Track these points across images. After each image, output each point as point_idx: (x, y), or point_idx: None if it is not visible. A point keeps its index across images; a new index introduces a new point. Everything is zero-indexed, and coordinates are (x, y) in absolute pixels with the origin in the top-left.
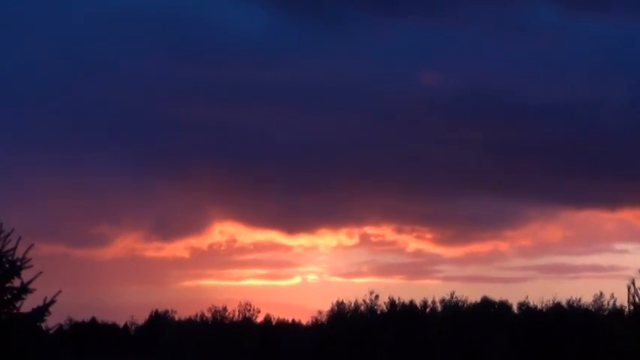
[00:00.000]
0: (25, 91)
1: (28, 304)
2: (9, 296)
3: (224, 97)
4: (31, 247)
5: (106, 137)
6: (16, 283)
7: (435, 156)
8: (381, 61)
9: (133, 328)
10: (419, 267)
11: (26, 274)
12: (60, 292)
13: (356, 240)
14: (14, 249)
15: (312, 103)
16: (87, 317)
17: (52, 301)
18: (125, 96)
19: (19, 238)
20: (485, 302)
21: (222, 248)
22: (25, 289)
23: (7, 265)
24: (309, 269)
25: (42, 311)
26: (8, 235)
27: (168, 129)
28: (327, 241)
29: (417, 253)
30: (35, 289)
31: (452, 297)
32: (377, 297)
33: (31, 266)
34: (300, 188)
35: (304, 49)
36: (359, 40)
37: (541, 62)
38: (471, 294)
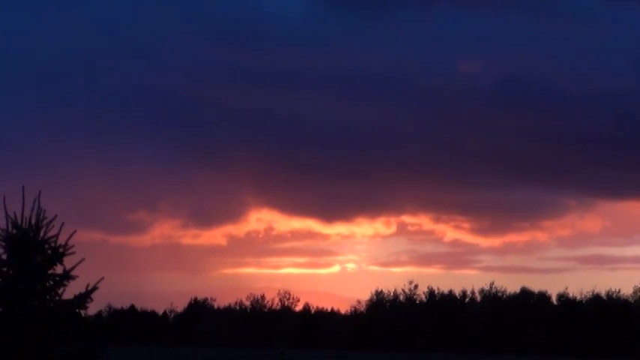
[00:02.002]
0: (66, 78)
1: (69, 291)
2: (51, 283)
3: (261, 82)
4: (73, 233)
5: (144, 124)
6: (58, 270)
7: (472, 145)
8: (419, 49)
9: (172, 315)
10: (457, 257)
11: (68, 261)
12: (102, 279)
13: (393, 229)
14: (57, 235)
15: (350, 90)
16: (126, 304)
17: (95, 288)
18: (162, 82)
19: (62, 224)
20: (525, 293)
21: (260, 236)
22: (67, 276)
23: (49, 252)
24: (348, 258)
25: (84, 298)
26: (51, 221)
27: (205, 115)
28: (365, 229)
29: (455, 243)
30: (77, 276)
31: (491, 287)
32: (416, 287)
33: (74, 253)
34: (336, 176)
35: (342, 35)
36: (398, 26)
37: (581, 50)
38: (510, 284)
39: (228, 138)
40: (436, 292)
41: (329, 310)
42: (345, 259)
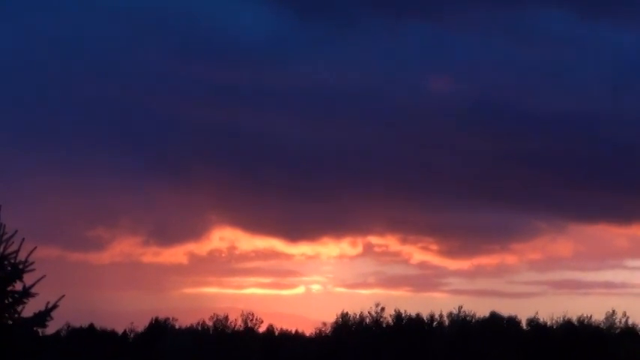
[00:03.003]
0: (24, 90)
1: (28, 309)
2: (10, 300)
3: (227, 98)
4: (34, 250)
5: (105, 138)
6: (18, 287)
7: (442, 165)
8: (390, 66)
9: (132, 335)
10: (426, 279)
11: (28, 278)
12: (63, 296)
13: (359, 250)
14: (17, 252)
15: (317, 108)
16: (85, 323)
17: (55, 306)
18: (124, 95)
19: (23, 240)
20: (494, 317)
21: (223, 255)
22: (26, 293)
23: (9, 268)
24: (313, 279)
25: (44, 316)
26: (11, 236)
27: (169, 130)
28: (330, 250)
29: (423, 265)
30: (37, 294)
31: (459, 311)
32: (383, 309)
33: (34, 270)
34: (302, 195)
35: (310, 51)
36: (368, 43)
37: (552, 70)
38: (479, 308)
39: (191, 154)
40: (403, 315)
41: (293, 332)
42: (310, 280)
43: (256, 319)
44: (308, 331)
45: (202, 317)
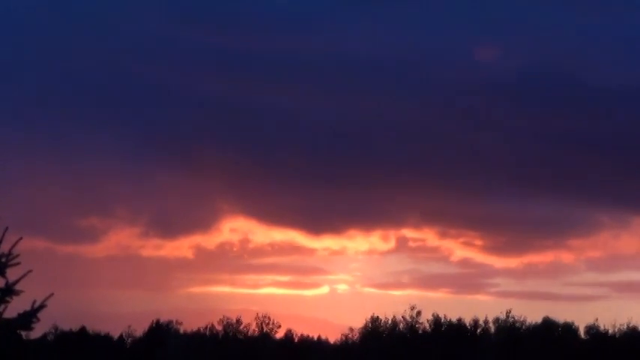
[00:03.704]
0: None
1: (12, 309)
2: None
3: (240, 69)
4: (19, 240)
5: (100, 114)
6: (0, 283)
7: (488, 147)
8: (427, 34)
9: (129, 340)
10: (468, 279)
11: (12, 273)
12: (52, 295)
13: (392, 244)
14: None
15: (344, 81)
16: (76, 326)
17: (42, 306)
18: (121, 65)
19: (6, 229)
20: (547, 324)
21: (234, 249)
22: (10, 291)
23: None
24: (339, 277)
25: (29, 317)
26: None
27: (172, 106)
28: (358, 244)
29: (465, 263)
30: (22, 291)
31: (507, 316)
32: (419, 313)
33: (18, 264)
34: (325, 180)
35: (338, 16)
36: (403, 8)
37: (618, 39)
38: (530, 313)
39: (198, 133)
40: (442, 320)
41: (315, 338)
42: (335, 279)
43: (273, 323)
44: (332, 337)
45: (210, 320)
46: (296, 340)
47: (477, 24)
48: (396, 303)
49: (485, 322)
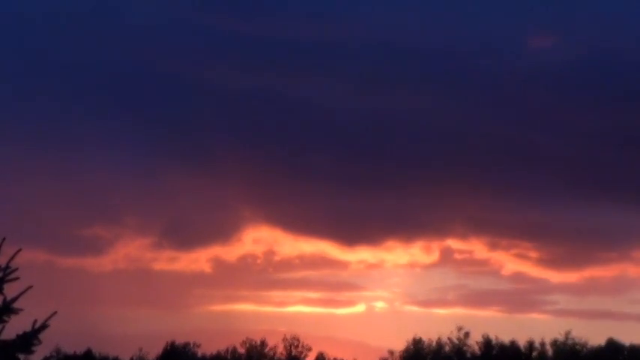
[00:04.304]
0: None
1: (10, 329)
2: None
3: (264, 59)
4: (18, 252)
5: (107, 107)
6: None
7: (545, 147)
8: (474, 17)
9: None
10: (522, 296)
11: (10, 289)
12: (55, 313)
13: (435, 257)
14: None
15: (379, 70)
16: (80, 349)
17: (44, 326)
18: (135, 55)
19: (3, 240)
20: (612, 346)
21: (258, 262)
22: (7, 309)
23: None
24: (376, 294)
25: (30, 338)
26: None
27: (187, 99)
28: (397, 257)
29: (518, 278)
30: (22, 309)
31: (566, 338)
32: (467, 334)
33: (17, 279)
34: (361, 185)
35: (369, 2)
36: None
37: None
38: (592, 334)
39: (217, 131)
40: (493, 342)
41: None
42: (372, 296)
43: (302, 346)
44: None
45: (232, 342)
46: None
47: (529, 7)
48: (440, 323)
49: (542, 344)
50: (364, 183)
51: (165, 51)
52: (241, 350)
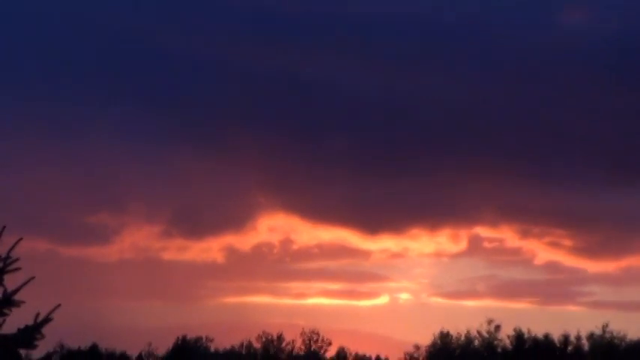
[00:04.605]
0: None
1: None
2: None
3: (279, 37)
4: (19, 241)
5: (115, 87)
6: None
7: (580, 128)
8: None
9: None
10: (556, 287)
11: (10, 280)
12: (58, 306)
13: (463, 245)
14: None
15: (403, 48)
16: (85, 344)
17: (48, 319)
18: (138, 31)
19: (3, 228)
20: None
21: (274, 251)
22: (9, 301)
23: None
24: (400, 285)
25: (32, 333)
26: None
27: (198, 79)
28: (423, 245)
29: (552, 267)
30: (23, 302)
31: (603, 331)
32: (498, 328)
33: (18, 269)
34: (382, 168)
35: None
36: None
37: None
38: (631, 327)
39: (231, 111)
40: (526, 335)
41: (373, 358)
42: (396, 287)
43: (322, 340)
44: (394, 356)
45: (247, 336)
46: (350, 359)
47: None
48: (469, 315)
49: (577, 337)
50: (387, 166)
51: (177, 31)
52: (257, 345)
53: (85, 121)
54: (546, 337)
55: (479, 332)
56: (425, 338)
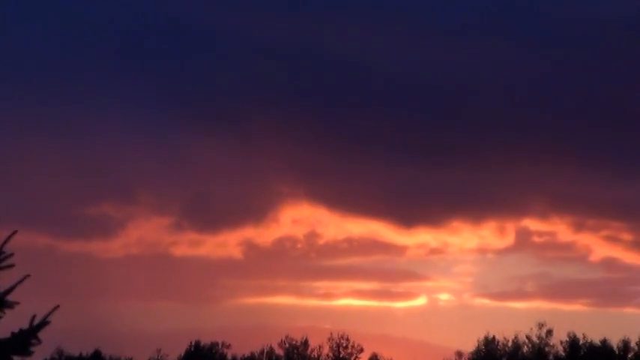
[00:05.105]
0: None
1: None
2: None
3: (306, 11)
4: (13, 234)
5: (121, 64)
6: None
7: (637, 112)
8: None
9: None
10: (614, 286)
11: (4, 278)
12: (57, 308)
13: (510, 240)
14: None
15: (441, 26)
16: (87, 350)
17: (45, 322)
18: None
19: None
20: None
21: (299, 246)
22: (1, 302)
23: None
24: (440, 284)
25: (27, 337)
26: None
27: (214, 55)
28: (464, 240)
29: (610, 265)
30: (18, 303)
31: None
32: (549, 332)
33: (12, 266)
34: (419, 156)
35: None
36: None
37: None
38: None
39: (250, 91)
40: (581, 341)
41: None
42: (434, 287)
43: (352, 346)
44: None
45: (268, 342)
46: None
47: None
48: (517, 318)
49: (639, 343)
50: (424, 152)
51: (191, 5)
52: (279, 351)
53: (86, 103)
54: (603, 342)
55: (528, 337)
56: (468, 344)
